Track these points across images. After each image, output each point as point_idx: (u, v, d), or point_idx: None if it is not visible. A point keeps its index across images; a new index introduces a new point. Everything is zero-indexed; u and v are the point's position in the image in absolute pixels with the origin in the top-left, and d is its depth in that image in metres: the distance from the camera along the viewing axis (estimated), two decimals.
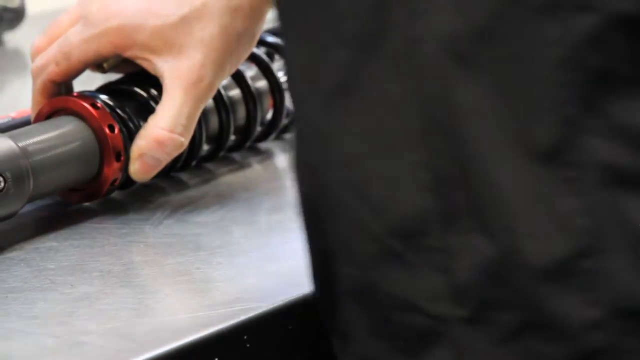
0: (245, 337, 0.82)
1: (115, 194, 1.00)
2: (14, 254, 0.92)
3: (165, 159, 0.98)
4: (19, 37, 1.59)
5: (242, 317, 0.82)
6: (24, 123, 1.06)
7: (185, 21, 0.97)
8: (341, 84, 0.69)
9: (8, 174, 0.93)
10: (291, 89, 0.75)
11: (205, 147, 1.09)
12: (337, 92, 0.69)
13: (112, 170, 0.99)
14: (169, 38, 0.97)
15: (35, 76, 1.04)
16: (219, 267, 0.90)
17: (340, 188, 0.72)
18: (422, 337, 0.71)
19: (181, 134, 0.97)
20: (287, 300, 0.84)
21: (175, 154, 0.98)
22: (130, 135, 1.02)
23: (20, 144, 0.94)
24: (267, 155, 1.18)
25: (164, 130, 0.96)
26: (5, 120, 1.07)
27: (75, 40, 0.98)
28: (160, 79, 0.97)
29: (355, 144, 0.70)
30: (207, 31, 0.97)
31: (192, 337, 0.80)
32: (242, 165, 1.12)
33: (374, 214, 0.70)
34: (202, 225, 0.98)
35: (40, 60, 1.03)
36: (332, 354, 0.88)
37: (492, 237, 0.67)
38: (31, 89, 1.05)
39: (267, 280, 0.88)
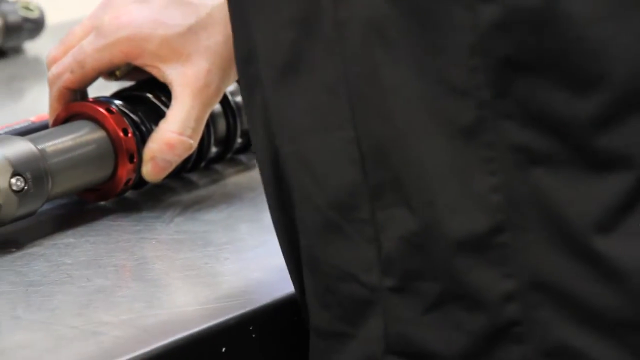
0: (250, 328, 0.85)
1: (129, 194, 1.03)
2: (33, 250, 0.94)
3: (176, 161, 1.01)
4: (38, 47, 1.61)
5: (248, 309, 0.84)
6: (43, 127, 1.09)
7: (192, 31, 1.00)
8: (288, 63, 0.72)
9: (28, 175, 0.97)
10: (252, 65, 0.77)
11: (214, 150, 1.13)
12: (285, 70, 0.73)
13: (125, 171, 1.02)
14: (176, 47, 1.00)
15: (51, 84, 1.07)
16: (226, 262, 0.93)
17: (291, 161, 0.75)
18: (359, 306, 0.74)
19: (190, 137, 1.00)
20: (290, 293, 0.86)
21: (185, 155, 1.01)
22: (142, 138, 1.04)
23: (39, 147, 0.98)
24: None
25: (174, 133, 0.99)
26: (25, 124, 1.10)
27: (89, 49, 1.02)
28: (169, 86, 1.01)
29: (299, 119, 0.73)
30: (213, 39, 1.00)
31: (201, 328, 0.82)
32: (248, 167, 1.14)
33: (316, 186, 0.73)
34: (211, 222, 1.00)
35: (56, 69, 1.07)
36: None
37: (414, 211, 0.69)
38: (48, 96, 1.08)
39: (271, 275, 0.90)
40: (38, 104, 1.43)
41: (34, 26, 1.57)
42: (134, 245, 0.97)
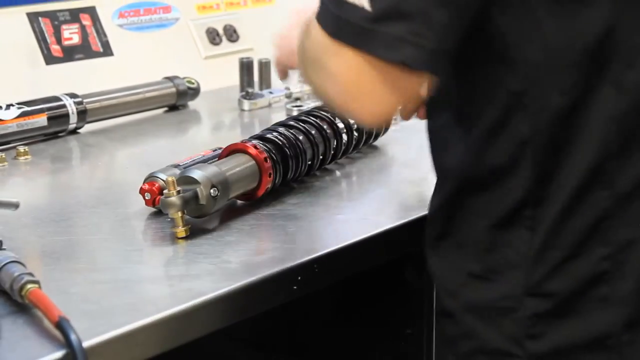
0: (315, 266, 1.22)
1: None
2: (229, 224, 1.27)
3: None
4: (196, 104, 1.94)
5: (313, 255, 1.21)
6: (211, 158, 1.40)
7: None
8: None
9: (219, 187, 1.26)
10: None
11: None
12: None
13: (266, 183, 1.35)
14: None
15: (278, 64, 1.45)
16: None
17: None
18: None
19: None
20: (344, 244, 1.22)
21: None
22: (274, 163, 1.36)
23: (222, 169, 1.30)
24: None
25: None
26: (200, 156, 1.43)
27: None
28: None
29: None
30: None
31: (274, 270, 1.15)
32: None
33: None
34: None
35: (281, 57, 1.42)
36: None
37: None
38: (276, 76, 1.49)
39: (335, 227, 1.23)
40: (196, 137, 1.84)
41: (194, 92, 1.92)
42: (257, 224, 1.29)
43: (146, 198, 1.31)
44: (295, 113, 1.85)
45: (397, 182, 1.51)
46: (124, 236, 1.27)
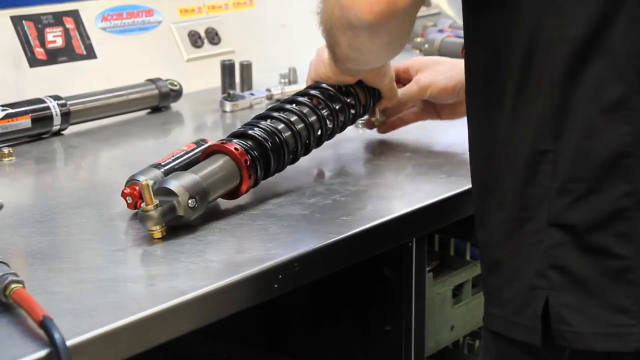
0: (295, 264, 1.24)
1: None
2: (211, 224, 1.27)
3: None
4: (179, 106, 1.94)
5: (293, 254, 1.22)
6: (193, 155, 1.38)
7: None
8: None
9: (197, 197, 1.25)
10: None
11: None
12: None
13: (247, 182, 1.33)
14: None
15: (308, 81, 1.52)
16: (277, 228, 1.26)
17: None
18: None
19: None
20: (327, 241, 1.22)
21: None
22: (253, 161, 1.33)
23: (199, 175, 1.27)
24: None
25: None
26: (182, 152, 1.39)
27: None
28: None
29: None
30: None
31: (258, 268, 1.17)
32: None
33: None
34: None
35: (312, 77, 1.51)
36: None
37: None
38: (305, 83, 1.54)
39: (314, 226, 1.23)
40: (179, 138, 1.82)
41: (176, 94, 1.92)
42: (249, 218, 1.29)
43: (128, 202, 1.30)
44: None
45: (377, 181, 1.51)
46: (108, 236, 1.27)
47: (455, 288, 1.59)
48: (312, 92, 1.53)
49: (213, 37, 2.13)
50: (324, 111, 1.51)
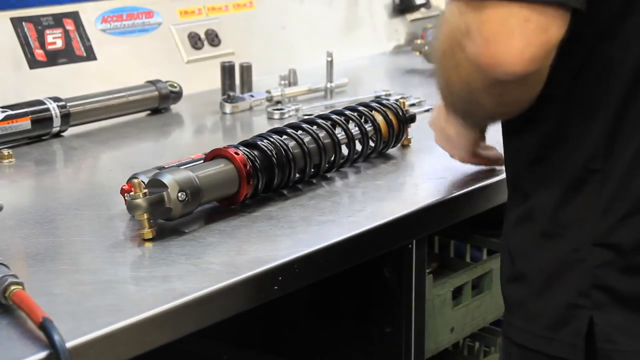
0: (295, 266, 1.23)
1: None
2: (194, 232, 1.26)
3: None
4: (179, 107, 1.94)
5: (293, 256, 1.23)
6: (198, 162, 1.37)
7: None
8: None
9: (188, 191, 1.25)
10: None
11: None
12: None
13: (245, 189, 1.33)
14: None
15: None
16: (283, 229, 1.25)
17: None
18: None
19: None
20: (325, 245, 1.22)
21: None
22: (255, 170, 1.32)
23: (195, 173, 1.28)
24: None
25: None
26: (188, 160, 1.41)
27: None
28: None
29: None
30: None
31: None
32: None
33: None
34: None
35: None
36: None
37: None
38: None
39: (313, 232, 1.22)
40: (179, 140, 1.83)
41: (176, 95, 1.92)
42: (244, 224, 1.28)
43: (126, 198, 1.30)
44: (276, 116, 1.86)
45: (377, 184, 1.50)
46: (107, 238, 1.27)
47: (455, 290, 1.58)
48: (334, 117, 1.52)
49: (213, 38, 2.13)
50: (340, 137, 1.50)
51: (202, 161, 1.39)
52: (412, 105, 1.87)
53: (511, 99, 1.05)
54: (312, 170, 1.45)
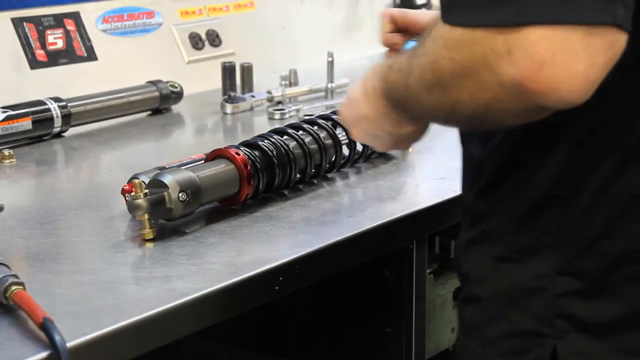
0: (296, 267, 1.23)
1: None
2: (196, 233, 1.27)
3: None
4: (179, 107, 1.94)
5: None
6: (199, 162, 1.38)
7: None
8: None
9: (189, 191, 1.26)
10: None
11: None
12: None
13: (246, 189, 1.33)
14: None
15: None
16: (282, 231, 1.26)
17: None
18: None
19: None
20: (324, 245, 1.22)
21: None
22: (256, 170, 1.33)
23: (196, 174, 1.28)
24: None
25: None
26: (189, 160, 1.41)
27: None
28: None
29: None
30: None
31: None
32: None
33: None
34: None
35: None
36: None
37: None
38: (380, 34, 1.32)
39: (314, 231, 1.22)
40: (180, 140, 1.83)
41: (177, 96, 1.92)
42: (245, 224, 1.29)
43: (127, 199, 1.30)
44: (277, 116, 1.86)
45: (378, 184, 1.50)
46: (108, 238, 1.27)
47: (456, 290, 1.58)
48: (335, 117, 1.51)
49: (214, 39, 2.13)
50: (341, 137, 1.49)
51: (202, 161, 1.39)
52: None
53: (536, 118, 0.95)
54: (313, 170, 1.46)
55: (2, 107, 1.68)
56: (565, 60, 0.86)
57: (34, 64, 1.88)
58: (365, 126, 1.14)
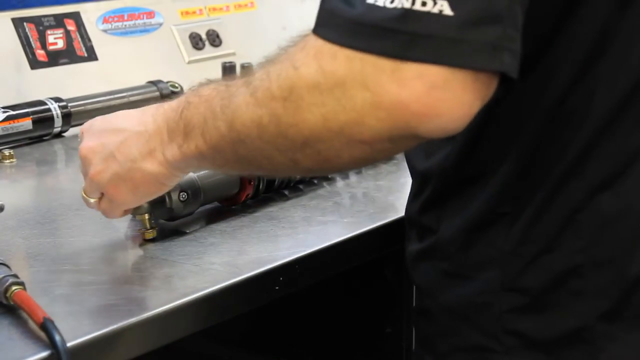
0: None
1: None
2: (196, 232, 1.26)
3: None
4: None
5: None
6: None
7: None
8: None
9: (189, 191, 1.24)
10: None
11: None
12: None
13: (246, 189, 1.33)
14: None
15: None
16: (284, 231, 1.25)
17: None
18: None
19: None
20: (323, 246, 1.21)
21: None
22: None
23: (196, 174, 1.25)
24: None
25: None
26: None
27: None
28: None
29: None
30: None
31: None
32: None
33: None
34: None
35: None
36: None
37: None
38: None
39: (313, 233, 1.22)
40: None
41: (177, 96, 1.65)
42: (246, 223, 1.28)
43: None
44: None
45: (378, 184, 1.50)
46: (108, 238, 1.27)
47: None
48: None
49: (214, 39, 2.13)
50: None
51: None
52: None
53: (382, 156, 0.95)
54: None
55: (3, 107, 1.68)
56: (457, 87, 0.82)
57: (35, 64, 1.88)
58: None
